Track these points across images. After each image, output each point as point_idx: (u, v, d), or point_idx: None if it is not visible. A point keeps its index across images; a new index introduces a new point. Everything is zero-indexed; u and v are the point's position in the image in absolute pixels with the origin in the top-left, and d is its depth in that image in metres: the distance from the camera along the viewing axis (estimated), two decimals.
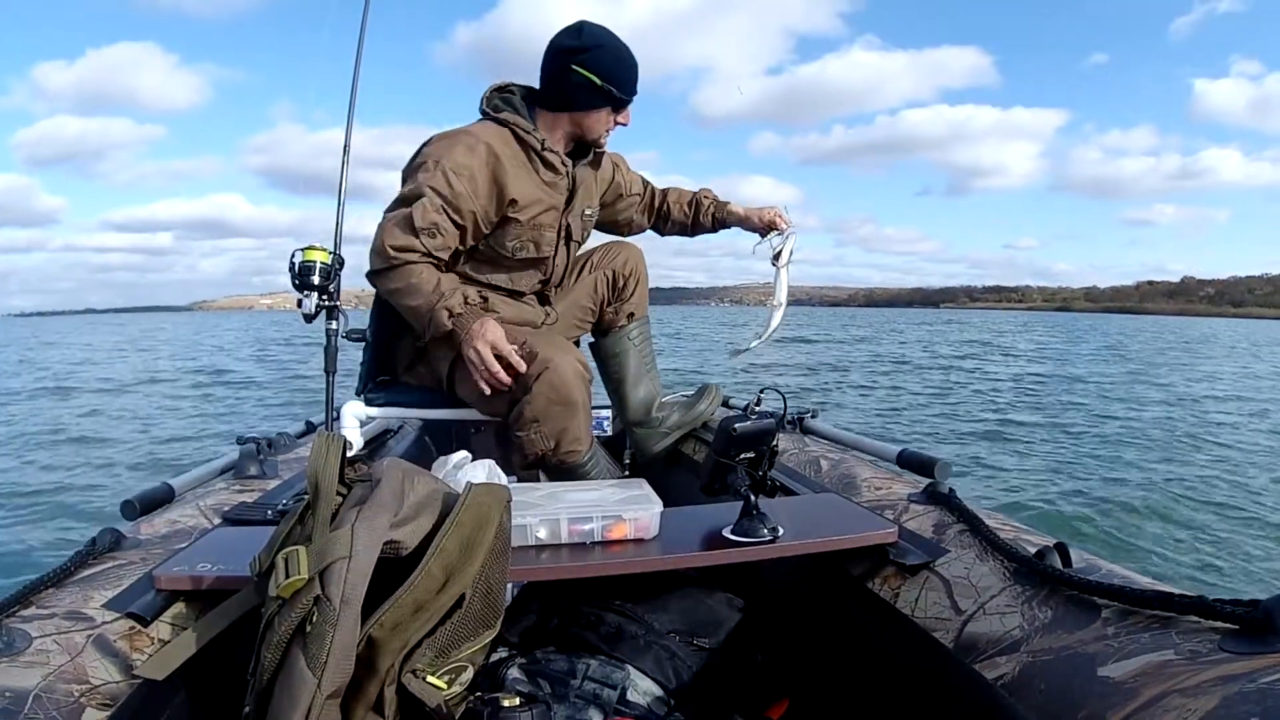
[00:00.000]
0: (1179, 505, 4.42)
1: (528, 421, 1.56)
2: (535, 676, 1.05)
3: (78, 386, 11.82)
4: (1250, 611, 0.67)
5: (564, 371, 1.54)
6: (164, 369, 15.34)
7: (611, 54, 1.65)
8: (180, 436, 7.16)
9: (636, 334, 1.96)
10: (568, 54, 1.63)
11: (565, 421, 1.56)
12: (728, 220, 2.01)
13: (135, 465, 5.79)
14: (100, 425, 7.86)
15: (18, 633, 0.79)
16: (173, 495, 1.31)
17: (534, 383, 1.53)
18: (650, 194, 2.05)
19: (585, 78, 1.63)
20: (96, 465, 5.80)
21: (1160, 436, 6.73)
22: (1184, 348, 23.95)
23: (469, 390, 1.66)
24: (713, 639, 1.15)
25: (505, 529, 0.89)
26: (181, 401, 10.00)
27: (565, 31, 1.66)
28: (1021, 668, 0.79)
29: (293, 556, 0.75)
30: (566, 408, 1.55)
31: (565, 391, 1.54)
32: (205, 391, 11.14)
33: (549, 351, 1.55)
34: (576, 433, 1.59)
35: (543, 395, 1.53)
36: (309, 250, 1.64)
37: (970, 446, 6.26)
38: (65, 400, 10.28)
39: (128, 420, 8.24)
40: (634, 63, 1.68)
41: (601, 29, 1.66)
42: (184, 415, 8.72)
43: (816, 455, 1.60)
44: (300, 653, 0.72)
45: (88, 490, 4.98)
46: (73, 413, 8.81)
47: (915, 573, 1.04)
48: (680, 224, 2.07)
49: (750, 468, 1.10)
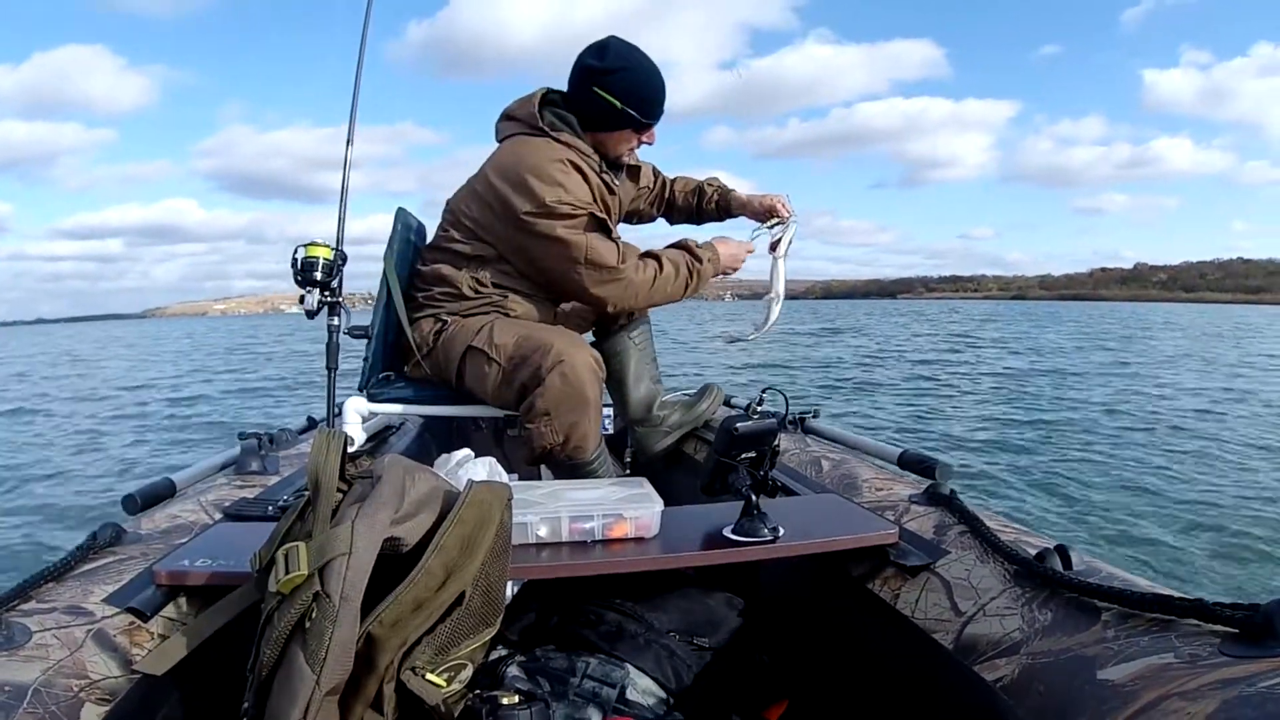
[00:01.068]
0: (1178, 506, 4.42)
1: (539, 414, 1.56)
2: (534, 674, 1.05)
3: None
4: (1250, 615, 0.67)
5: (578, 366, 1.54)
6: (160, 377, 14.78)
7: (634, 76, 1.64)
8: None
9: (638, 333, 1.95)
10: (590, 74, 1.64)
11: (576, 416, 1.56)
12: (731, 207, 2.01)
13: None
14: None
15: (17, 627, 0.79)
16: (174, 490, 1.31)
17: (548, 375, 1.53)
18: (660, 184, 2.05)
19: (606, 100, 1.63)
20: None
21: (1161, 435, 6.71)
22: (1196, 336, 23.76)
23: (480, 381, 1.66)
24: (713, 639, 1.15)
25: (506, 527, 0.89)
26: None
27: (590, 50, 1.65)
28: (1021, 670, 0.79)
29: (293, 552, 0.75)
30: (579, 402, 1.55)
31: (579, 386, 1.54)
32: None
33: (564, 345, 1.56)
34: (586, 429, 1.58)
35: (555, 387, 1.53)
36: (311, 247, 1.63)
37: (968, 449, 6.25)
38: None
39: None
40: (658, 84, 1.68)
41: (628, 48, 1.65)
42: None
43: (818, 455, 1.59)
44: (299, 649, 0.72)
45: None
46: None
47: (915, 574, 1.04)
48: (686, 212, 2.08)
49: (751, 467, 1.10)
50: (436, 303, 1.74)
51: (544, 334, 1.60)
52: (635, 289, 1.68)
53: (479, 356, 1.64)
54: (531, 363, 1.56)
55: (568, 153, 1.63)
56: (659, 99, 1.68)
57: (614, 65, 1.62)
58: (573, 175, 1.61)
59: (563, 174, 1.59)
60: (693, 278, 1.73)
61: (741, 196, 1.99)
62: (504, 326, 1.65)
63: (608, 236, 1.66)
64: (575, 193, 1.60)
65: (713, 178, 2.06)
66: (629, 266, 1.66)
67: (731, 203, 2.00)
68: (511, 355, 1.60)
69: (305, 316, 1.65)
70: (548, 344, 1.55)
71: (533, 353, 1.57)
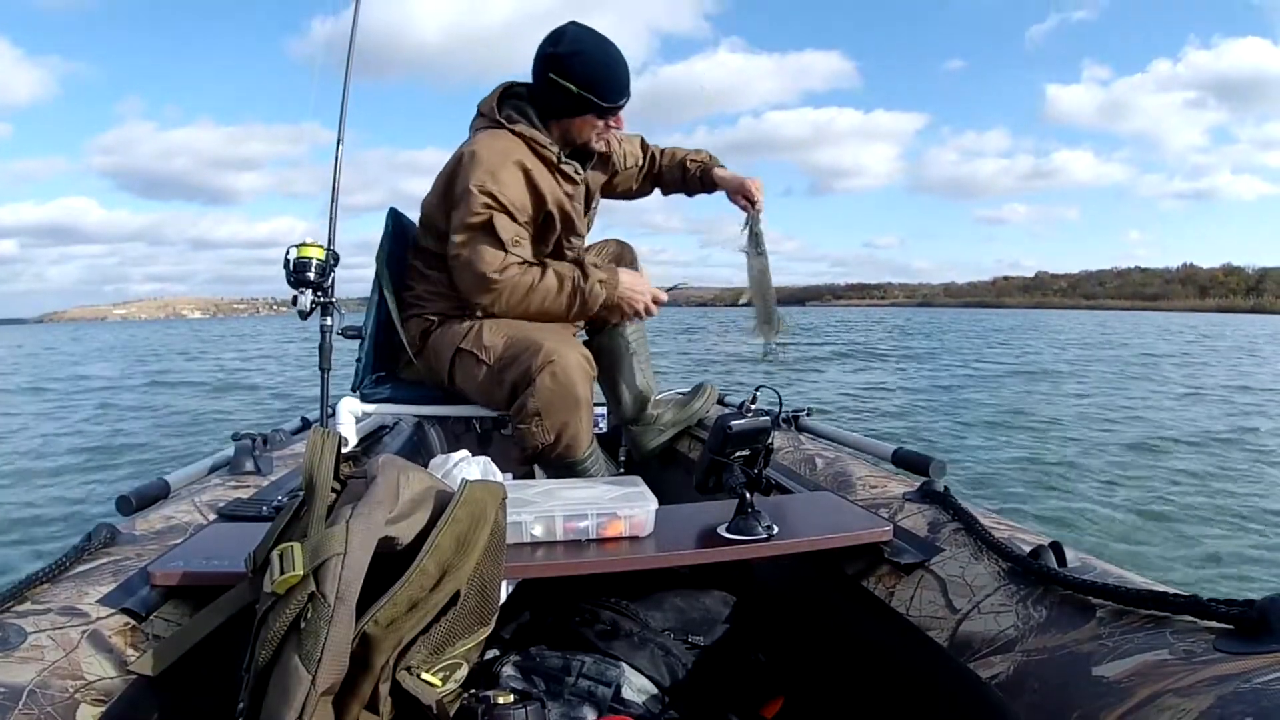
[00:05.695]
0: (1175, 504, 4.43)
1: (530, 414, 1.55)
2: (530, 674, 1.05)
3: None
4: (1245, 611, 0.67)
5: (569, 365, 1.53)
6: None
7: (590, 60, 1.60)
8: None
9: (631, 331, 1.94)
10: (547, 62, 1.61)
11: (567, 416, 1.55)
12: (714, 184, 1.96)
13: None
14: None
15: (12, 628, 0.79)
16: (168, 491, 1.30)
17: (538, 375, 1.52)
18: (649, 159, 2.01)
19: (563, 86, 1.60)
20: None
21: (1153, 433, 6.75)
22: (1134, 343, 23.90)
23: (470, 382, 1.66)
24: (708, 637, 1.15)
25: (500, 526, 0.89)
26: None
27: (548, 37, 1.63)
28: (1016, 667, 0.79)
29: (287, 553, 0.75)
30: (570, 402, 1.54)
31: (569, 385, 1.53)
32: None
33: (554, 344, 1.54)
34: (577, 429, 1.58)
35: (546, 388, 1.52)
36: (304, 247, 1.63)
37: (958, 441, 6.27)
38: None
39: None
40: (617, 67, 1.63)
41: (585, 32, 1.62)
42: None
43: (812, 453, 1.60)
44: (295, 649, 0.71)
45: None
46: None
47: (910, 571, 1.04)
48: (673, 185, 2.04)
49: (745, 465, 1.10)
50: (424, 303, 1.74)
51: (533, 333, 1.59)
52: (507, 301, 1.63)
53: (468, 358, 1.63)
54: (521, 363, 1.55)
55: (514, 147, 1.61)
56: (618, 82, 1.64)
57: (569, 50, 1.60)
58: (508, 170, 1.58)
59: (500, 166, 1.57)
60: (576, 297, 1.66)
61: (722, 173, 1.93)
62: (492, 327, 1.64)
63: (519, 243, 1.61)
64: (504, 187, 1.57)
65: (700, 150, 2.01)
66: (505, 280, 1.60)
67: (715, 179, 1.95)
68: (501, 355, 1.59)
69: (299, 317, 1.64)
70: (537, 344, 1.54)
71: (522, 352, 1.56)
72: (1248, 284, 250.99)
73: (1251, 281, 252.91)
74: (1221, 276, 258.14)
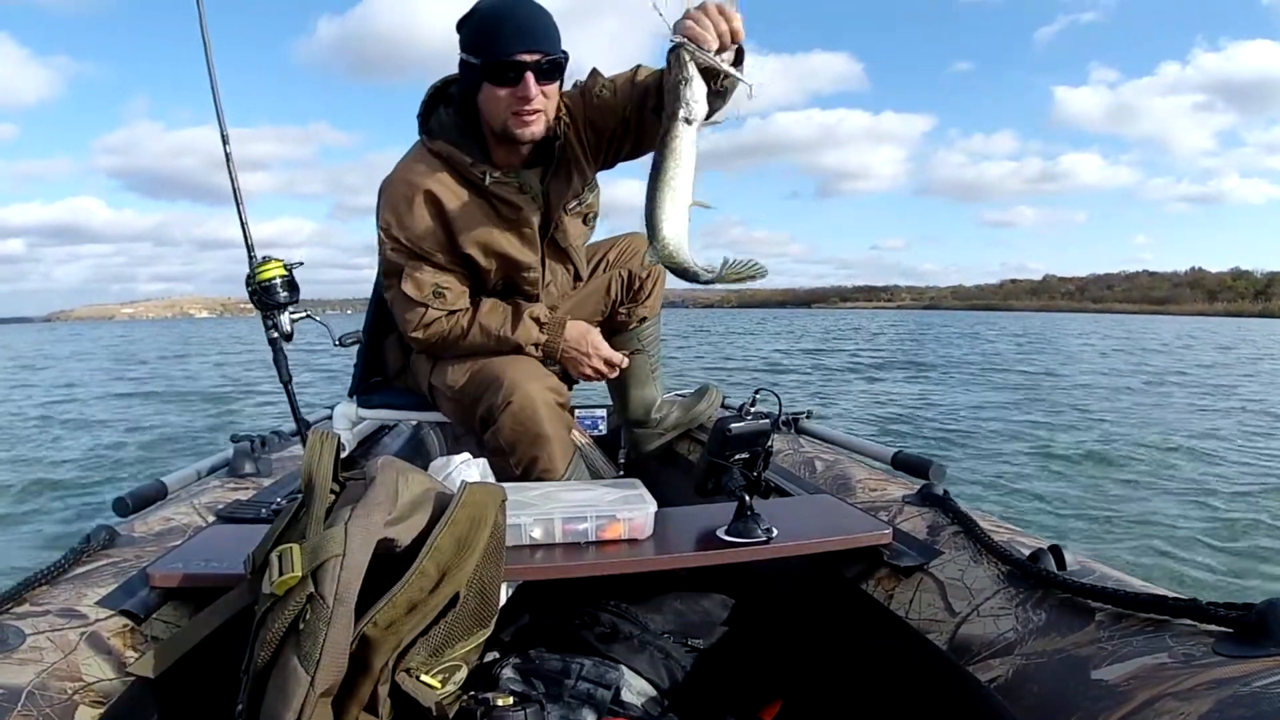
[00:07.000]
0: (1173, 507, 4.43)
1: (497, 450, 1.47)
2: (529, 676, 1.05)
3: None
4: (1244, 615, 0.67)
5: (530, 403, 1.43)
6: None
7: (478, 19, 1.33)
8: None
9: (647, 335, 1.87)
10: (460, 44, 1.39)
11: (535, 451, 1.46)
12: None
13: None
14: None
15: (11, 630, 0.79)
16: (165, 492, 1.30)
17: (500, 414, 1.43)
18: (646, 81, 1.44)
19: (463, 60, 1.37)
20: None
21: (1157, 436, 6.75)
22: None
23: (446, 410, 1.62)
24: (707, 640, 1.15)
25: (500, 528, 0.89)
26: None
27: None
28: (1015, 670, 0.79)
29: (286, 554, 0.75)
30: (532, 439, 1.45)
31: (532, 424, 1.43)
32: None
33: (515, 379, 1.44)
34: (547, 463, 1.47)
35: (508, 427, 1.43)
36: (262, 270, 1.55)
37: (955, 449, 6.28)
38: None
39: None
40: (500, 18, 1.31)
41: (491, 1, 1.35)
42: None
43: (811, 456, 1.59)
44: (294, 651, 0.71)
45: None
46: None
47: (909, 574, 1.04)
48: (654, 87, 1.49)
49: (745, 468, 1.10)
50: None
51: (495, 368, 1.48)
52: (441, 350, 1.55)
53: (437, 391, 1.59)
54: (484, 401, 1.47)
55: (426, 175, 1.42)
56: (499, 31, 1.29)
57: (462, 22, 1.36)
58: (416, 207, 1.41)
59: (403, 203, 1.42)
60: (507, 346, 1.50)
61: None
62: (455, 365, 1.55)
63: (443, 293, 1.46)
64: (409, 231, 1.42)
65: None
66: (430, 335, 1.50)
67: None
68: (465, 391, 1.52)
69: (283, 341, 1.57)
70: (499, 379, 1.45)
71: (484, 391, 1.47)
72: (1256, 288, 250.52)
73: (1260, 285, 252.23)
74: (1230, 280, 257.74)
